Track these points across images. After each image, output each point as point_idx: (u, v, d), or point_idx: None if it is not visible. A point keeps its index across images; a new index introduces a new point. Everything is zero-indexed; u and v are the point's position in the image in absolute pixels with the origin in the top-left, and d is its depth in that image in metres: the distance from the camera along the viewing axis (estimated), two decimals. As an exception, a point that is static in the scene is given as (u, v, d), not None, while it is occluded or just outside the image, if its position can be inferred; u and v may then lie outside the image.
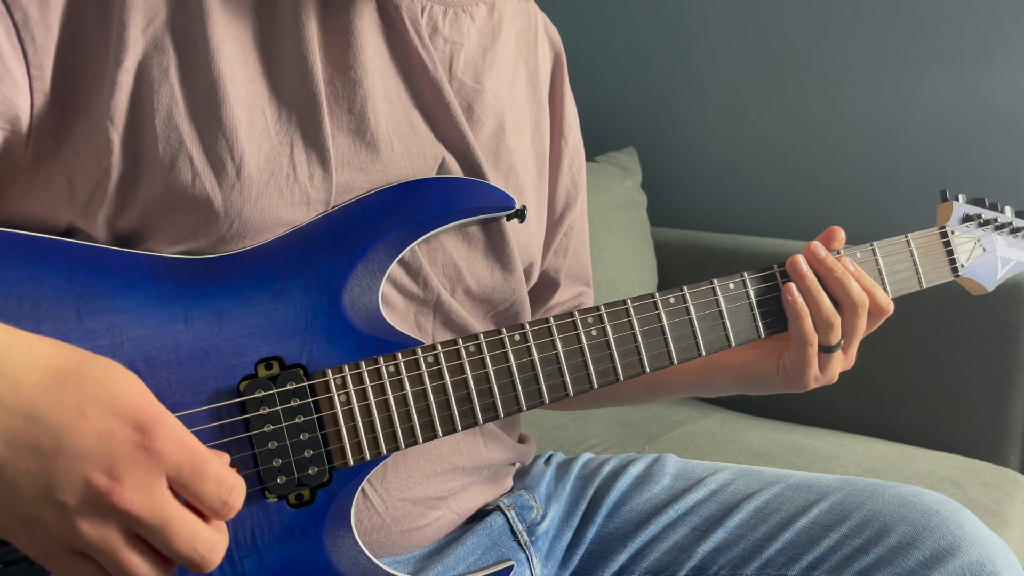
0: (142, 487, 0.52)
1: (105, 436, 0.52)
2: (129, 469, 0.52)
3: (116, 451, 0.52)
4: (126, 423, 0.53)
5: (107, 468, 0.51)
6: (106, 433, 0.52)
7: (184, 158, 0.65)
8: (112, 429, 0.52)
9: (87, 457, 0.51)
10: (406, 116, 0.76)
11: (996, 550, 0.80)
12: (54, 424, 0.51)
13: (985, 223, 0.99)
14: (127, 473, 0.52)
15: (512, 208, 0.79)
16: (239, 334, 0.67)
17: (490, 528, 0.86)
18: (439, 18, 0.79)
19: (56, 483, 0.51)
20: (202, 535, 0.55)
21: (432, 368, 0.71)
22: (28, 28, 0.61)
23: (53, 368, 0.53)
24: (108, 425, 0.52)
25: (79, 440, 0.51)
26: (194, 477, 0.54)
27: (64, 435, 0.51)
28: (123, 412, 0.53)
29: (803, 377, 0.85)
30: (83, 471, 0.51)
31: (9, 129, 0.62)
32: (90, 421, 0.52)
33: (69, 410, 0.52)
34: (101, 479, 0.51)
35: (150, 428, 0.53)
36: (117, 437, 0.52)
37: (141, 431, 0.53)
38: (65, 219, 0.66)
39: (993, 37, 1.77)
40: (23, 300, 0.60)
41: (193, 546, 0.54)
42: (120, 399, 0.53)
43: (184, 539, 0.54)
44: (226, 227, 0.67)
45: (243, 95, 0.68)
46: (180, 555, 0.54)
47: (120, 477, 0.52)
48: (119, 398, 0.53)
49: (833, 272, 0.83)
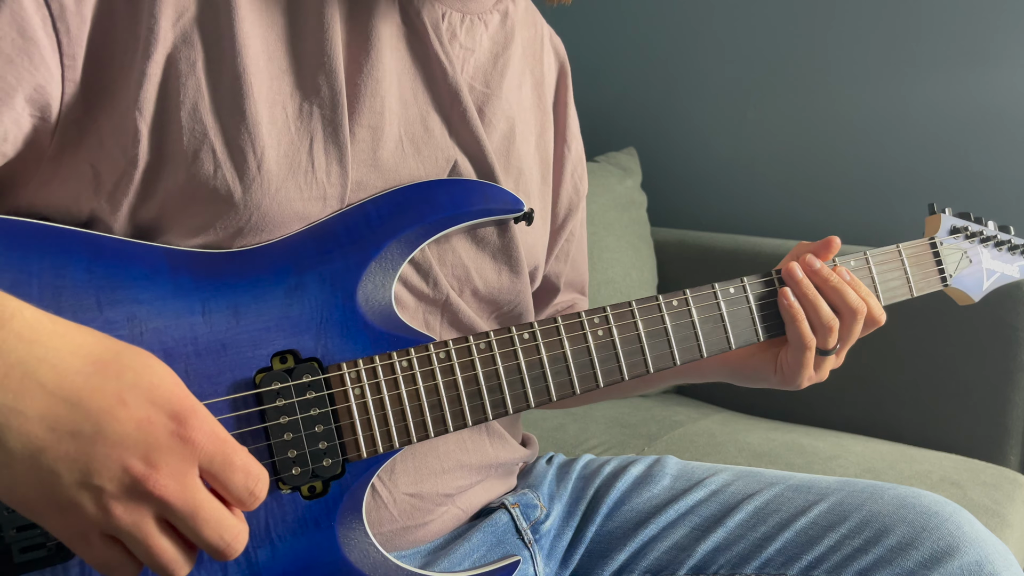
0: (176, 475, 0.53)
1: (143, 424, 0.53)
2: (165, 457, 0.53)
3: (153, 439, 0.53)
4: (163, 412, 0.54)
5: (144, 455, 0.53)
6: (144, 421, 0.53)
7: (207, 150, 0.66)
8: (150, 417, 0.53)
9: (126, 444, 0.52)
10: (421, 118, 0.78)
11: (995, 551, 0.80)
12: (95, 410, 0.52)
13: (971, 236, 1.03)
14: (163, 461, 0.53)
15: (521, 210, 0.81)
16: (255, 327, 0.68)
17: (495, 525, 0.87)
18: (457, 24, 0.81)
19: (94, 468, 0.52)
20: (228, 523, 0.56)
21: (444, 364, 0.72)
22: (64, 18, 0.62)
23: (94, 356, 0.53)
24: (146, 413, 0.53)
25: (119, 427, 0.52)
26: (225, 467, 0.56)
27: (104, 421, 0.52)
28: (160, 402, 0.54)
29: (799, 377, 0.88)
30: (121, 457, 0.52)
31: (39, 117, 0.63)
32: (130, 409, 0.53)
33: (110, 397, 0.53)
34: (138, 465, 0.52)
35: (186, 418, 0.54)
36: (155, 425, 0.53)
37: (177, 420, 0.54)
38: (88, 208, 0.67)
39: (993, 38, 1.78)
40: (44, 290, 0.61)
41: (220, 533, 0.56)
42: (158, 389, 0.54)
43: (212, 527, 0.55)
44: (244, 219, 0.68)
45: (266, 91, 0.69)
46: (207, 542, 0.56)
47: (156, 464, 0.53)
48: (157, 388, 0.54)
49: (829, 282, 0.86)
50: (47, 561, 0.60)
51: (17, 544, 0.59)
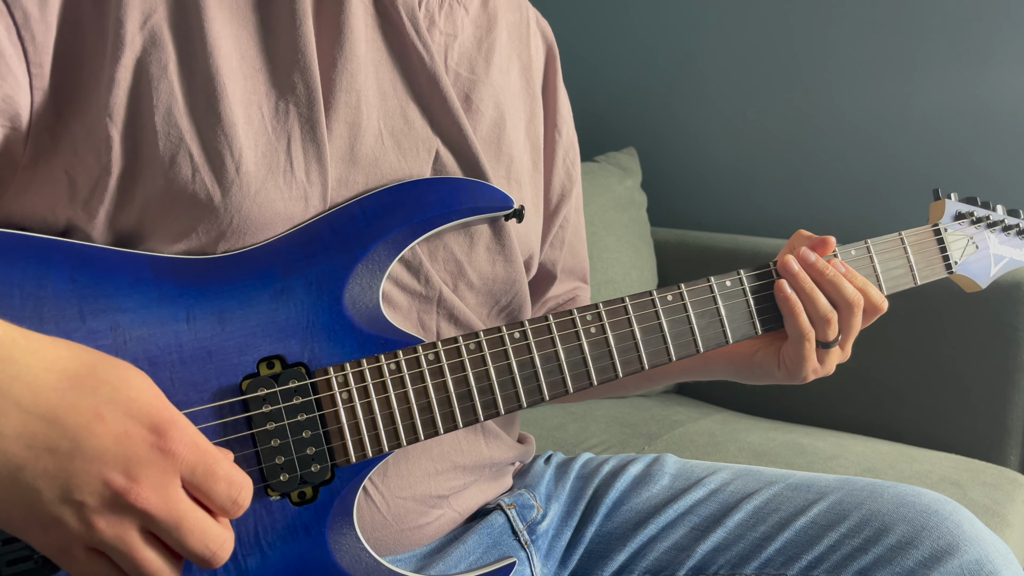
0: (158, 487, 0.54)
1: (122, 438, 0.53)
2: (146, 470, 0.53)
3: (133, 452, 0.53)
4: (142, 425, 0.54)
5: (124, 469, 0.53)
6: (123, 435, 0.53)
7: (184, 154, 0.66)
8: (128, 431, 0.53)
9: (105, 458, 0.52)
10: (401, 109, 0.77)
11: (995, 549, 0.80)
12: (72, 426, 0.52)
13: (977, 221, 1.00)
14: (144, 473, 0.53)
15: (510, 208, 0.80)
16: (241, 333, 0.67)
17: (491, 527, 0.86)
18: (435, 10, 0.80)
19: (75, 484, 0.52)
20: (213, 532, 0.56)
21: (433, 366, 0.72)
22: (28, 26, 0.61)
23: (69, 372, 0.53)
24: (124, 427, 0.53)
25: (97, 442, 0.52)
26: (207, 478, 0.56)
27: (82, 437, 0.52)
28: (138, 415, 0.54)
29: (802, 370, 0.86)
30: (101, 472, 0.52)
31: (10, 127, 0.63)
32: (107, 424, 0.53)
33: (86, 413, 0.53)
34: (119, 479, 0.52)
35: (165, 430, 0.54)
36: (134, 439, 0.53)
37: (156, 433, 0.54)
38: (64, 216, 0.66)
39: (993, 37, 1.78)
40: (27, 300, 0.61)
41: (205, 543, 0.56)
42: (135, 402, 0.54)
43: (197, 536, 0.55)
44: (226, 223, 0.67)
45: (240, 91, 0.68)
46: (192, 552, 0.56)
47: (137, 477, 0.53)
48: (134, 401, 0.54)
49: (825, 275, 0.85)
50: (34, 574, 0.60)
51: (3, 557, 0.59)
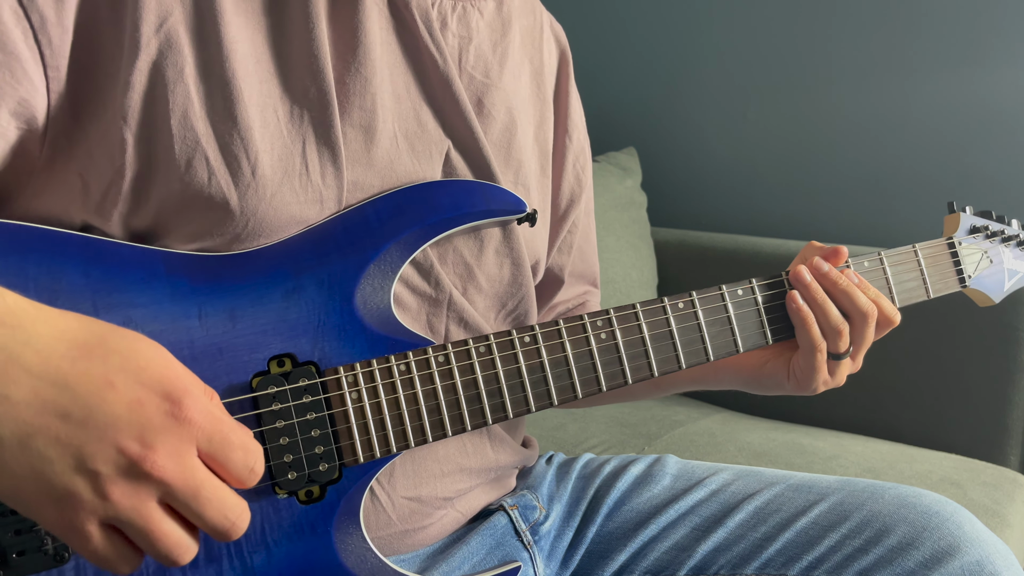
0: (174, 455, 0.52)
1: (135, 405, 0.51)
2: (161, 437, 0.51)
3: (147, 420, 0.51)
4: (155, 393, 0.52)
5: (139, 436, 0.51)
6: (135, 402, 0.51)
7: (200, 158, 0.65)
8: (141, 399, 0.52)
9: (118, 425, 0.51)
10: (414, 112, 0.77)
11: (996, 550, 0.80)
12: (83, 393, 0.50)
13: (992, 235, 1.00)
14: (159, 441, 0.51)
15: (523, 212, 0.79)
16: (252, 331, 0.67)
17: (494, 528, 0.87)
18: (448, 12, 0.79)
19: (88, 451, 0.50)
20: (231, 502, 0.55)
21: (443, 368, 0.72)
22: (45, 30, 0.61)
23: (79, 341, 0.52)
24: (137, 395, 0.52)
25: (109, 409, 0.51)
26: (224, 446, 0.54)
27: (94, 404, 0.50)
28: (150, 383, 0.52)
29: (813, 382, 0.86)
30: (115, 438, 0.50)
31: (26, 129, 0.63)
32: (119, 391, 0.51)
33: (97, 380, 0.51)
34: (134, 446, 0.51)
35: (179, 398, 0.52)
36: (147, 406, 0.51)
37: (171, 401, 0.52)
38: (79, 218, 0.66)
39: (993, 37, 1.78)
40: (41, 294, 0.61)
41: (223, 513, 0.54)
42: (146, 371, 0.52)
43: (215, 506, 0.54)
44: (241, 226, 0.67)
45: (256, 94, 0.68)
46: (210, 523, 0.54)
47: (152, 445, 0.51)
48: (144, 370, 0.52)
49: (838, 285, 0.84)
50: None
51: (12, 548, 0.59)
